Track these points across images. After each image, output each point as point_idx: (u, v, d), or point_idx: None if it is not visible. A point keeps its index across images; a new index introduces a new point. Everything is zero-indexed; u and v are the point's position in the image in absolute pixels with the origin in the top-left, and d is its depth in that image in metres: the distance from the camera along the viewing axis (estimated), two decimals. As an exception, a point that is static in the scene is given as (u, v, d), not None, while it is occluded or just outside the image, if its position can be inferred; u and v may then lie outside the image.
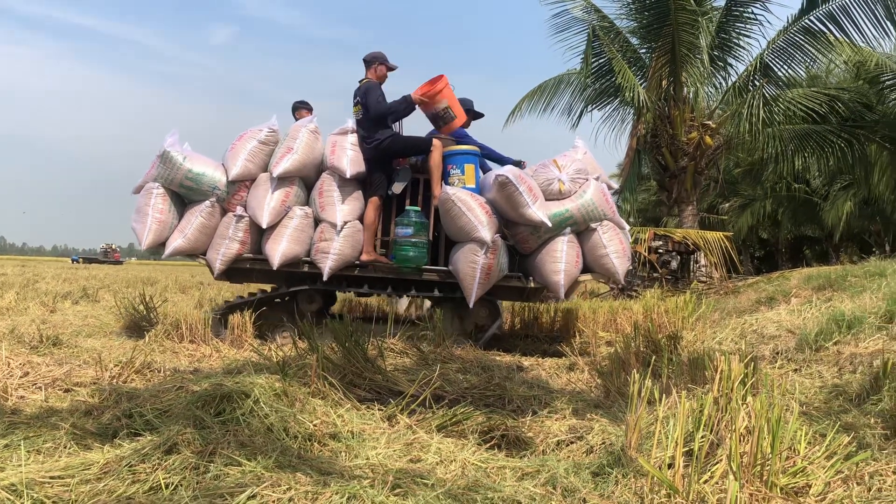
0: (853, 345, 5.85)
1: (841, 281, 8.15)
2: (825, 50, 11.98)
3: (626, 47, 12.96)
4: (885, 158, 13.66)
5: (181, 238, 6.92)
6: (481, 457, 3.14)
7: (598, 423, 3.85)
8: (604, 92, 13.16)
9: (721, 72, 12.85)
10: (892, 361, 4.43)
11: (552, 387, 5.47)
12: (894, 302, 6.35)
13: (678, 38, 11.60)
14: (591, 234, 6.92)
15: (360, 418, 3.60)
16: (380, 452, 3.10)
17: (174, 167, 6.82)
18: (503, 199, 6.67)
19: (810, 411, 4.05)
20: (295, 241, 6.85)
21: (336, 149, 7.06)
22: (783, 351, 6.36)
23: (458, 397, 4.55)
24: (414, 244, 6.90)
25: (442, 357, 5.83)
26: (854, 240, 24.28)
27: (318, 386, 3.96)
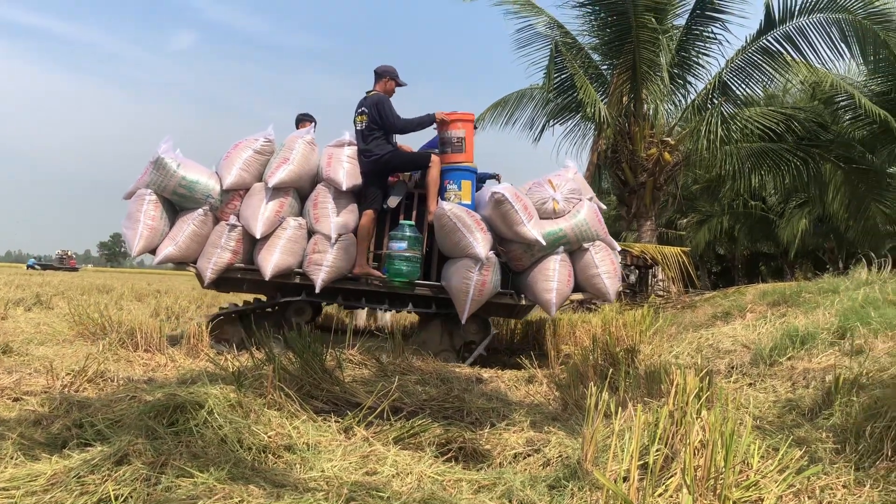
0: (806, 360, 5.94)
1: (795, 297, 8.29)
2: (782, 70, 12.21)
3: (588, 63, 13.08)
4: (838, 177, 13.94)
5: (172, 246, 6.85)
6: (438, 469, 3.13)
7: (556, 436, 3.86)
8: (566, 107, 13.27)
9: (681, 89, 13.03)
10: (844, 377, 4.50)
11: (511, 399, 5.47)
12: (847, 318, 6.47)
13: (639, 56, 11.74)
14: (584, 253, 7.00)
15: (316, 430, 3.56)
16: (335, 465, 3.07)
17: (168, 174, 6.74)
18: (498, 217, 6.73)
19: (764, 425, 4.10)
20: (288, 253, 6.81)
21: (332, 161, 7.02)
22: (738, 365, 6.43)
23: (417, 409, 4.53)
24: (407, 259, 6.90)
25: (401, 368, 5.81)
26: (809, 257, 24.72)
27: (275, 397, 3.92)
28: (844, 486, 2.98)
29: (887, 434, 3.28)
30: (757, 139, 12.89)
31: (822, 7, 11.19)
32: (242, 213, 6.87)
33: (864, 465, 3.20)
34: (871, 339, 5.88)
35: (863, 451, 3.35)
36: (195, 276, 7.43)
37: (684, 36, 12.55)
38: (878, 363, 5.15)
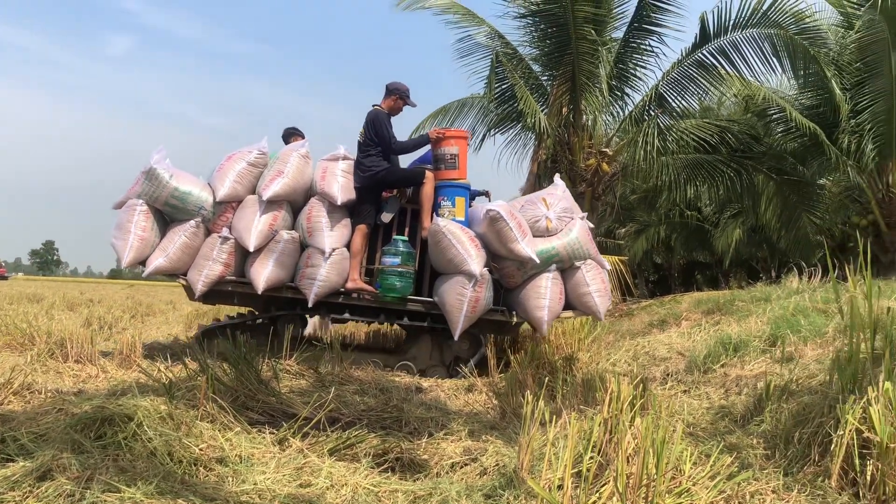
0: (739, 367, 6.07)
1: (729, 305, 8.48)
2: (716, 83, 12.48)
3: (529, 74, 13.18)
4: (771, 188, 14.28)
5: (163, 257, 6.72)
6: (374, 480, 3.10)
7: (493, 445, 3.86)
8: (506, 117, 13.32)
9: (619, 101, 13.22)
10: (774, 384, 4.61)
11: (450, 408, 5.46)
12: (778, 326, 6.64)
13: (578, 67, 11.89)
14: (575, 272, 7.00)
15: (249, 442, 3.48)
16: (268, 477, 3.01)
17: (160, 185, 6.64)
18: (493, 234, 6.72)
19: (697, 432, 4.17)
20: (280, 266, 6.75)
21: (326, 175, 6.96)
22: (673, 372, 6.54)
23: (355, 420, 4.49)
24: (400, 274, 6.85)
25: (339, 379, 5.76)
26: (743, 265, 25.31)
27: (208, 409, 3.83)
28: (773, 491, 3.04)
29: (814, 440, 3.36)
30: (692, 150, 13.13)
31: (755, 22, 11.47)
32: (235, 226, 6.78)
33: (793, 471, 3.27)
34: (800, 346, 6.03)
35: (791, 456, 3.42)
36: (183, 289, 7.29)
37: (622, 48, 12.73)
38: (807, 370, 5.28)
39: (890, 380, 3.29)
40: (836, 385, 3.69)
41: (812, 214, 13.66)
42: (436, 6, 13.02)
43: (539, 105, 12.36)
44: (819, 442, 3.32)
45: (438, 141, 7.21)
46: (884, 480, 2.67)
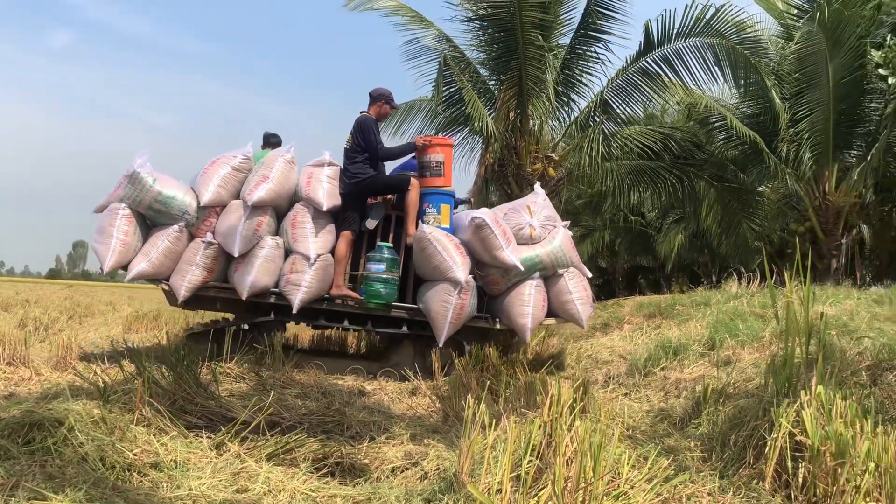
0: (679, 370, 6.16)
1: (670, 309, 8.60)
2: (660, 91, 12.63)
3: (476, 78, 13.20)
4: (712, 195, 14.53)
5: (145, 262, 6.63)
6: (312, 485, 3.05)
7: (435, 449, 3.85)
8: (454, 120, 13.33)
9: (565, 107, 13.29)
10: (712, 387, 4.68)
11: (393, 412, 5.43)
12: (716, 330, 6.75)
13: (525, 72, 11.93)
14: (558, 279, 7.07)
15: (186, 447, 3.41)
16: (204, 483, 2.95)
17: (143, 189, 6.55)
18: (478, 241, 6.77)
19: (636, 435, 4.21)
20: (265, 272, 6.68)
21: (312, 180, 6.93)
22: (615, 375, 6.62)
23: (295, 423, 4.44)
24: (385, 280, 6.85)
25: (281, 382, 5.70)
26: (685, 270, 25.70)
27: (144, 412, 3.75)
28: (709, 493, 3.08)
29: (749, 442, 3.42)
30: (636, 157, 13.29)
31: (698, 31, 11.65)
32: (219, 231, 6.72)
33: (728, 473, 3.32)
34: (738, 350, 6.15)
35: (727, 458, 3.48)
36: (164, 294, 7.19)
37: (568, 54, 12.82)
38: (744, 374, 5.39)
39: (822, 384, 3.37)
40: (771, 389, 3.76)
41: (751, 221, 13.93)
42: (384, 7, 12.96)
43: (486, 109, 12.38)
44: (754, 445, 3.38)
45: (424, 148, 7.28)
46: (815, 483, 2.73)
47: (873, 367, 4.79)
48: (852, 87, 12.28)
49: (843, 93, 12.15)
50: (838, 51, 11.67)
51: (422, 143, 7.29)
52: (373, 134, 7.06)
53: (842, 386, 3.81)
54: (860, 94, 12.52)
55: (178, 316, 10.55)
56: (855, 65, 12.01)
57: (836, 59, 11.74)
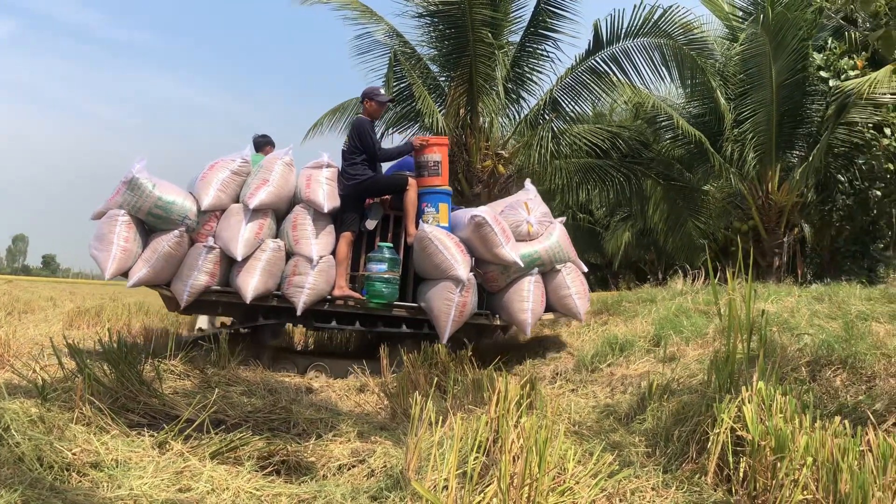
0: (625, 366, 6.23)
1: (616, 306, 8.69)
2: (608, 90, 12.74)
3: (427, 74, 13.17)
4: (658, 193, 14.72)
5: (146, 268, 6.55)
6: (257, 484, 3.02)
7: (382, 446, 3.84)
8: (404, 116, 13.28)
9: (515, 104, 13.32)
10: (657, 383, 4.75)
11: (340, 409, 5.41)
12: (662, 326, 6.84)
13: (476, 69, 11.95)
14: (556, 274, 7.19)
15: (127, 445, 3.34)
16: (146, 482, 2.89)
17: (143, 194, 6.47)
18: (478, 239, 6.82)
19: (582, 430, 4.25)
20: (267, 275, 6.66)
21: (311, 182, 6.92)
22: (562, 371, 6.67)
23: (241, 421, 4.39)
24: (387, 280, 6.87)
25: (226, 379, 5.62)
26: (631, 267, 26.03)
27: (84, 411, 3.66)
28: (653, 488, 3.12)
29: (692, 437, 3.48)
30: (585, 155, 13.38)
31: (646, 32, 11.77)
32: (220, 235, 6.66)
33: (672, 468, 3.37)
34: (682, 346, 6.24)
35: (671, 453, 3.53)
36: (163, 299, 7.10)
37: (519, 52, 12.85)
38: (688, 369, 5.47)
39: (763, 380, 3.44)
40: (714, 385, 3.82)
41: (697, 219, 14.14)
42: (334, 1, 12.88)
43: (437, 105, 12.36)
44: (697, 440, 3.44)
45: (421, 148, 7.33)
46: (755, 477, 2.78)
47: (812, 364, 4.90)
48: (795, 89, 12.54)
49: (785, 94, 12.40)
50: (781, 53, 11.91)
51: (419, 143, 7.34)
52: (368, 136, 7.11)
53: (782, 382, 3.89)
54: (802, 95, 12.79)
55: (120, 312, 10.36)
56: (797, 67, 12.26)
57: (779, 60, 11.97)
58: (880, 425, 3.50)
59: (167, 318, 10.30)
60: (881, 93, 11.58)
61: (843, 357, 4.78)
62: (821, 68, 12.44)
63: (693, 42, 12.05)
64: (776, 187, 13.11)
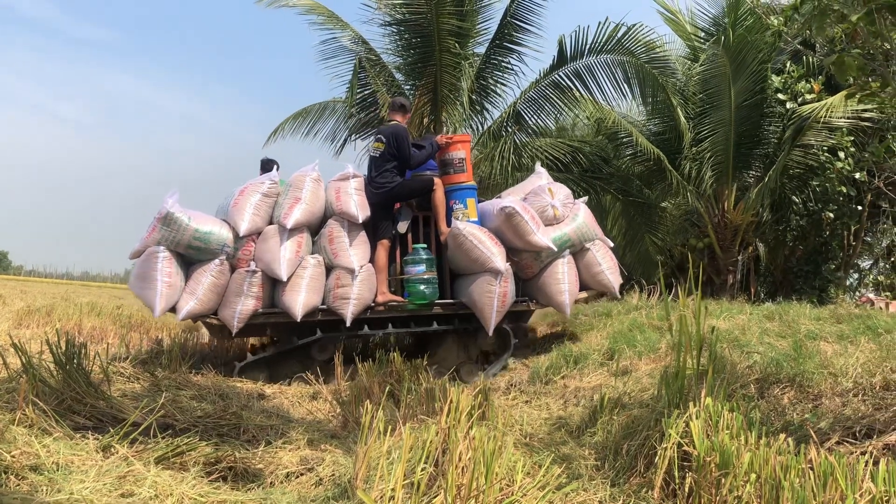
0: (578, 379, 6.27)
1: (573, 319, 8.74)
2: (571, 104, 12.86)
3: (392, 82, 13.16)
4: (617, 208, 14.85)
5: (193, 300, 6.62)
6: (201, 490, 2.97)
7: (332, 455, 3.82)
8: (368, 123, 13.27)
9: (478, 115, 13.37)
10: (609, 396, 4.79)
11: (292, 416, 5.37)
12: (615, 340, 6.90)
13: (440, 79, 12.00)
14: (586, 253, 7.46)
15: (69, 449, 3.26)
16: (87, 486, 2.82)
17: (180, 228, 6.53)
18: (510, 229, 7.04)
19: (533, 442, 4.26)
20: (313, 291, 6.77)
21: (341, 195, 7.01)
22: (517, 383, 6.69)
23: (190, 426, 4.33)
24: (427, 281, 7.02)
25: (177, 383, 5.54)
26: (590, 281, 26.22)
27: (27, 412, 3.58)
28: (600, 501, 3.14)
29: (641, 452, 3.50)
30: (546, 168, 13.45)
31: (609, 49, 11.91)
32: (260, 258, 6.75)
33: (620, 481, 3.39)
34: (635, 360, 6.30)
35: (619, 467, 3.55)
36: (207, 327, 7.17)
37: (484, 64, 12.91)
38: (640, 383, 5.52)
39: (711, 396, 3.48)
40: (663, 399, 3.86)
41: (654, 235, 14.29)
42: (299, 6, 12.81)
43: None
44: (645, 454, 3.46)
45: (447, 146, 7.51)
46: (699, 492, 2.81)
47: (761, 381, 4.98)
48: (753, 110, 12.75)
49: (743, 115, 12.60)
50: (741, 74, 12.11)
51: (444, 141, 7.52)
52: (408, 144, 7.22)
53: (730, 398, 3.94)
54: (760, 116, 13.01)
55: (71, 312, 10.17)
56: (756, 88, 12.48)
57: (738, 82, 12.17)
58: (824, 443, 3.56)
59: (119, 319, 10.13)
60: (836, 117, 11.84)
61: (791, 375, 4.86)
62: (779, 91, 12.66)
63: (655, 60, 12.22)
64: (732, 206, 13.30)
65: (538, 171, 8.23)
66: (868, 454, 3.25)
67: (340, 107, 14.04)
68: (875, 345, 5.51)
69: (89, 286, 33.18)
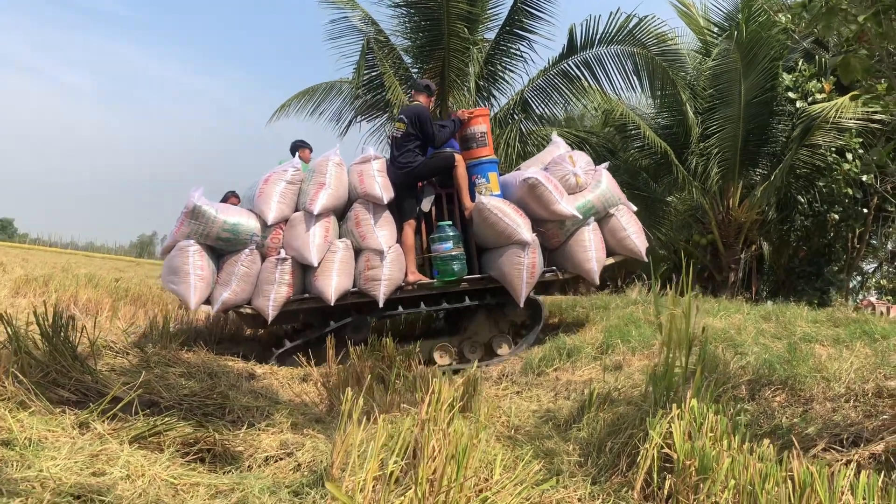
0: (570, 372, 6.23)
1: (570, 310, 8.70)
2: (579, 94, 12.75)
3: (399, 64, 13.07)
4: (623, 201, 14.74)
5: (227, 291, 6.75)
6: (175, 472, 2.93)
7: (313, 440, 3.78)
8: (374, 105, 13.18)
9: (485, 101, 13.25)
10: (598, 391, 4.73)
11: (280, 398, 5.34)
12: (610, 334, 6.85)
13: (449, 63, 11.90)
14: (610, 219, 7.44)
15: (45, 424, 3.22)
16: (59, 464, 2.78)
17: (208, 221, 6.65)
18: (533, 200, 7.05)
19: (518, 435, 4.22)
20: (344, 274, 6.85)
21: (364, 177, 7.05)
22: (509, 373, 6.66)
23: (174, 404, 4.30)
24: (455, 257, 7.05)
25: (166, 359, 5.52)
26: (592, 273, 26.12)
27: (6, 385, 3.55)
28: (579, 499, 3.10)
29: (624, 450, 3.46)
30: (552, 157, 13.36)
31: (620, 39, 11.80)
32: (290, 245, 6.85)
33: (601, 479, 3.35)
34: (628, 356, 6.24)
35: (602, 464, 3.51)
36: (241, 317, 7.22)
37: (493, 50, 12.81)
38: (631, 379, 5.47)
39: (698, 397, 3.43)
40: (650, 398, 3.81)
41: (658, 230, 14.21)
42: (310, -18, 12.72)
43: (407, 97, 12.30)
44: (628, 453, 3.42)
45: (468, 121, 7.52)
46: (678, 497, 2.76)
47: (753, 382, 4.92)
48: (762, 108, 12.64)
49: (753, 112, 12.49)
50: (752, 71, 12.00)
51: (466, 115, 7.51)
52: (432, 124, 7.25)
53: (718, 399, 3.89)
54: (769, 114, 12.89)
55: (68, 283, 10.14)
56: (766, 86, 12.36)
57: (749, 78, 12.06)
58: (810, 450, 3.51)
59: (116, 292, 10.11)
60: (846, 118, 11.72)
61: (784, 378, 4.80)
62: (789, 89, 12.55)
63: (666, 53, 12.10)
64: (737, 203, 13.22)
65: (555, 140, 8.24)
66: (853, 463, 3.21)
67: (347, 87, 13.94)
68: (871, 350, 5.44)
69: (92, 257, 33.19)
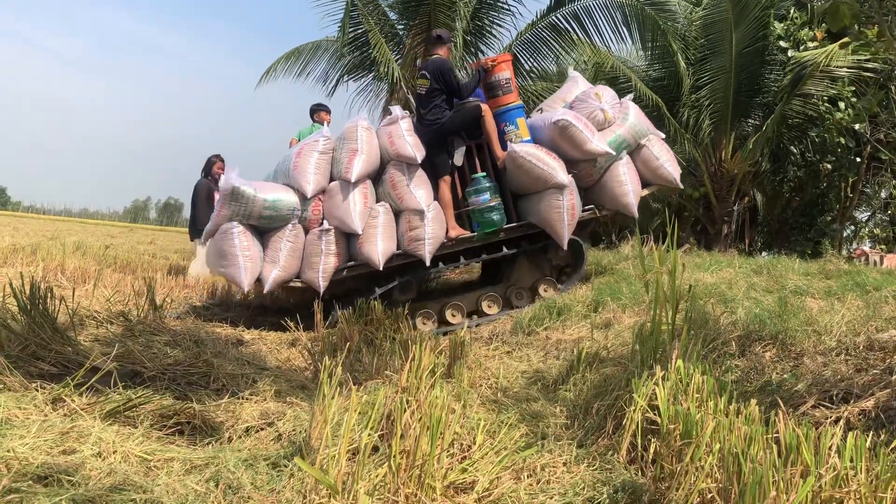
0: (560, 331, 6.17)
1: (561, 268, 8.61)
2: (568, 48, 12.56)
3: (385, 21, 12.83)
4: (614, 156, 14.63)
5: (276, 268, 6.80)
6: (149, 447, 2.86)
7: (295, 409, 3.73)
8: (360, 64, 12.97)
9: (473, 57, 13.04)
10: (587, 351, 4.68)
11: (267, 364, 5.28)
12: (601, 292, 6.79)
13: (435, 19, 11.68)
14: (641, 150, 7.45)
15: (15, 401, 3.13)
16: (27, 442, 2.70)
17: (249, 201, 6.67)
18: (565, 141, 7.02)
19: (504, 398, 4.16)
20: (388, 238, 6.89)
21: (394, 139, 7.02)
22: (500, 333, 6.61)
23: (158, 374, 4.23)
24: (493, 208, 7.03)
25: (151, 328, 5.43)
26: (587, 228, 26.07)
27: (-20, 360, 3.47)
28: (564, 464, 3.04)
29: (610, 412, 3.40)
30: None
31: (609, -11, 11.62)
32: (331, 215, 6.89)
33: (587, 442, 3.29)
34: (619, 313, 6.18)
35: (588, 427, 3.45)
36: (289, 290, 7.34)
37: (479, 4, 12.55)
38: (621, 337, 5.41)
39: (684, 357, 3.37)
40: (637, 358, 3.75)
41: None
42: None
43: (393, 54, 12.10)
44: (614, 415, 3.36)
45: (492, 69, 7.44)
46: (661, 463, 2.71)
47: (743, 338, 4.86)
48: (754, 57, 12.48)
49: (744, 62, 12.33)
50: (743, 20, 11.82)
51: (490, 63, 7.44)
52: (454, 75, 7.23)
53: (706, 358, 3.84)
54: (761, 64, 12.73)
55: (55, 252, 10.04)
56: (758, 35, 12.19)
57: (740, 28, 11.88)
58: (799, 407, 3.46)
59: (104, 260, 10.02)
60: (838, 66, 11.56)
61: (774, 333, 4.74)
62: (781, 38, 12.37)
63: (656, 3, 11.89)
64: (729, 155, 13.12)
65: (572, 75, 8.22)
66: (842, 421, 3.16)
67: (333, 46, 13.71)
68: (862, 302, 5.38)
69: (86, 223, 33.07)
